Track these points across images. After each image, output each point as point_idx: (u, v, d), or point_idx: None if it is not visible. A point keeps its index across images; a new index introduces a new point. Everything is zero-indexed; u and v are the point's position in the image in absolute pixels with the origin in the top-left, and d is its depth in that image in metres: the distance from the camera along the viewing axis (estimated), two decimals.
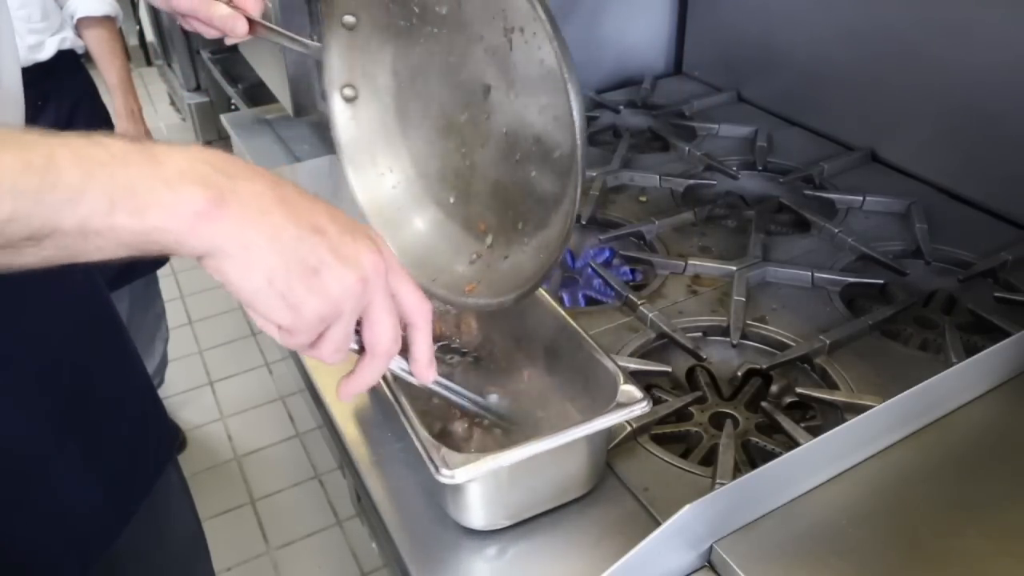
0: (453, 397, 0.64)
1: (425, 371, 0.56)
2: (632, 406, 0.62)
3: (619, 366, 0.66)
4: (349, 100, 0.75)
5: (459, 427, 0.68)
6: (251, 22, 0.73)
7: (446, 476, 0.57)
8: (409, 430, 0.60)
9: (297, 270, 0.45)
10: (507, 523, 0.65)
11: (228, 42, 0.75)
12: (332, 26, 0.72)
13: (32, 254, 0.41)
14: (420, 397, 0.72)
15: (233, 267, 0.44)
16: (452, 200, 0.76)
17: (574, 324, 0.71)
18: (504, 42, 0.67)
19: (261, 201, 0.45)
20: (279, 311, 0.46)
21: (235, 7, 0.73)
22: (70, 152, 0.41)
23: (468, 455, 0.57)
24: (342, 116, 0.75)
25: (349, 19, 0.72)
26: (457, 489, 0.62)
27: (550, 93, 0.65)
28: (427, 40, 0.72)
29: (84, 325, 0.74)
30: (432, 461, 0.57)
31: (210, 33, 0.75)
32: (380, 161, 0.77)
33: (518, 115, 0.69)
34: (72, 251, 0.42)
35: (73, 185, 0.40)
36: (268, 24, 0.74)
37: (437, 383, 0.62)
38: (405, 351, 0.55)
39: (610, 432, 0.67)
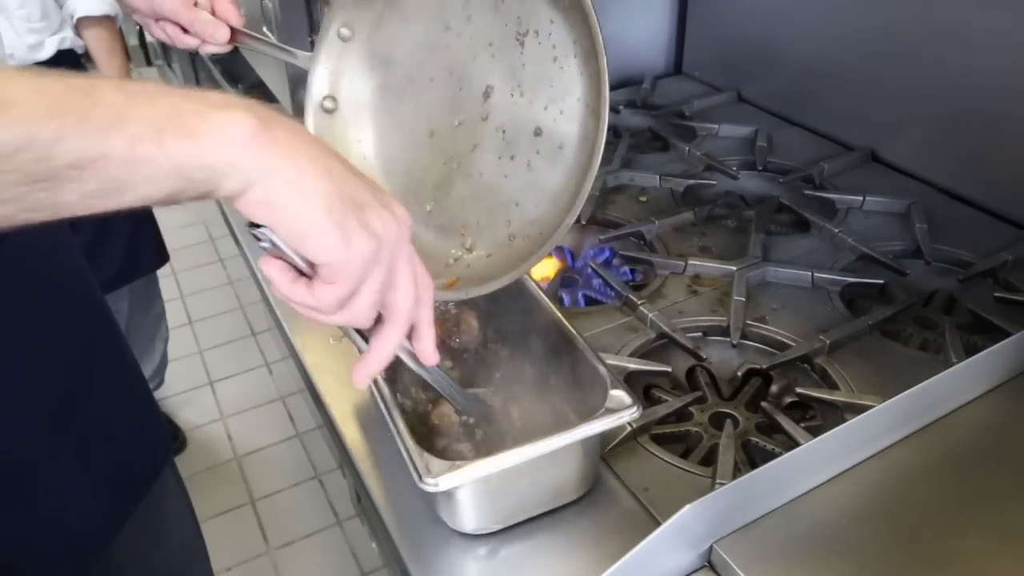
0: (443, 387, 0.63)
1: (432, 351, 0.54)
2: (620, 412, 0.62)
3: (611, 371, 0.65)
4: (328, 111, 0.75)
5: (466, 448, 0.67)
6: (233, 31, 0.73)
7: (430, 484, 0.57)
8: (396, 436, 0.60)
9: (349, 202, 0.45)
10: (498, 527, 0.65)
11: (204, 50, 0.74)
12: (327, 36, 0.72)
13: (74, 189, 0.40)
14: (416, 405, 0.73)
15: (290, 193, 0.43)
16: (429, 208, 0.75)
17: (568, 326, 0.71)
18: (515, 44, 0.67)
19: (303, 137, 0.45)
20: (335, 245, 0.45)
21: (216, 17, 0.73)
22: (109, 85, 0.41)
23: (452, 463, 0.57)
24: (317, 126, 0.75)
25: (345, 31, 0.72)
26: (445, 495, 0.62)
27: (560, 88, 0.65)
28: (428, 52, 0.72)
29: (79, 327, 0.74)
30: (415, 468, 0.57)
31: (185, 41, 0.74)
32: None
33: (521, 113, 0.69)
34: (118, 183, 0.41)
35: (118, 106, 0.40)
36: (250, 32, 0.74)
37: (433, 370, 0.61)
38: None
39: (603, 436, 0.67)
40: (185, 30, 0.74)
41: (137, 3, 0.74)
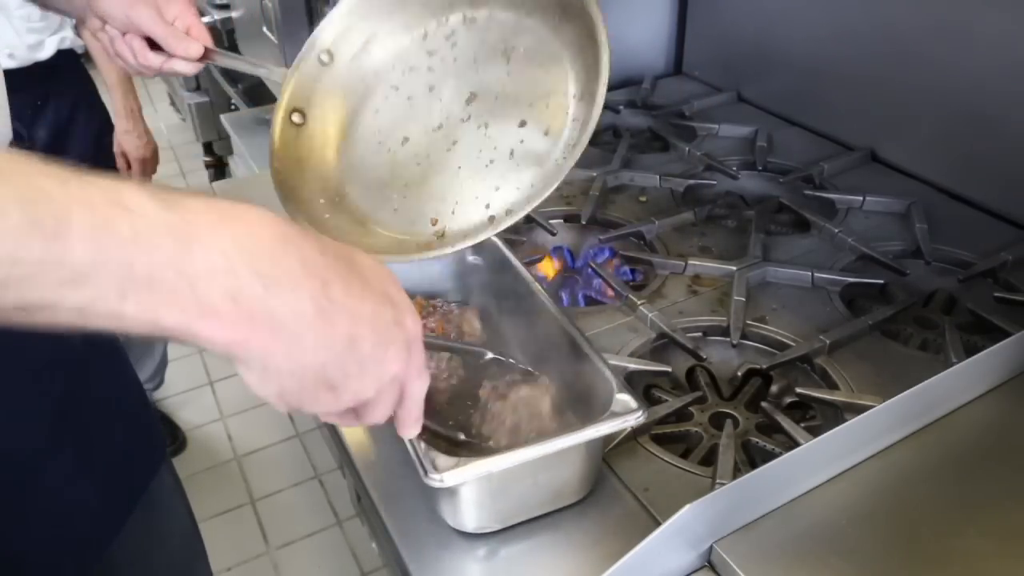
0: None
1: (411, 426, 0.52)
2: (626, 416, 0.61)
3: (616, 375, 0.65)
4: (296, 125, 0.75)
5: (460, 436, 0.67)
6: (206, 49, 0.75)
7: (435, 480, 0.56)
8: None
9: (313, 388, 0.43)
10: (498, 527, 0.65)
11: (168, 67, 0.77)
12: (305, 59, 0.74)
13: (22, 318, 0.36)
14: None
15: (248, 375, 0.42)
16: (395, 208, 0.76)
17: (573, 328, 0.71)
18: (501, 58, 0.68)
19: (297, 323, 0.40)
20: (282, 407, 0.44)
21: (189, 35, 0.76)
22: (87, 218, 0.34)
23: (458, 459, 0.57)
24: (282, 137, 0.75)
25: (325, 57, 0.74)
26: (448, 492, 0.62)
27: (548, 86, 0.66)
28: (410, 74, 0.73)
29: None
30: (421, 464, 0.57)
31: (149, 60, 0.77)
32: (313, 187, 0.76)
33: (505, 111, 0.70)
34: (71, 325, 0.37)
35: (81, 265, 0.34)
36: (221, 51, 0.76)
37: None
38: None
39: (605, 439, 0.67)
40: (152, 47, 0.76)
41: (113, 11, 0.75)
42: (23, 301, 0.35)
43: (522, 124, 0.69)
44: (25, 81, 1.44)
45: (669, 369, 0.81)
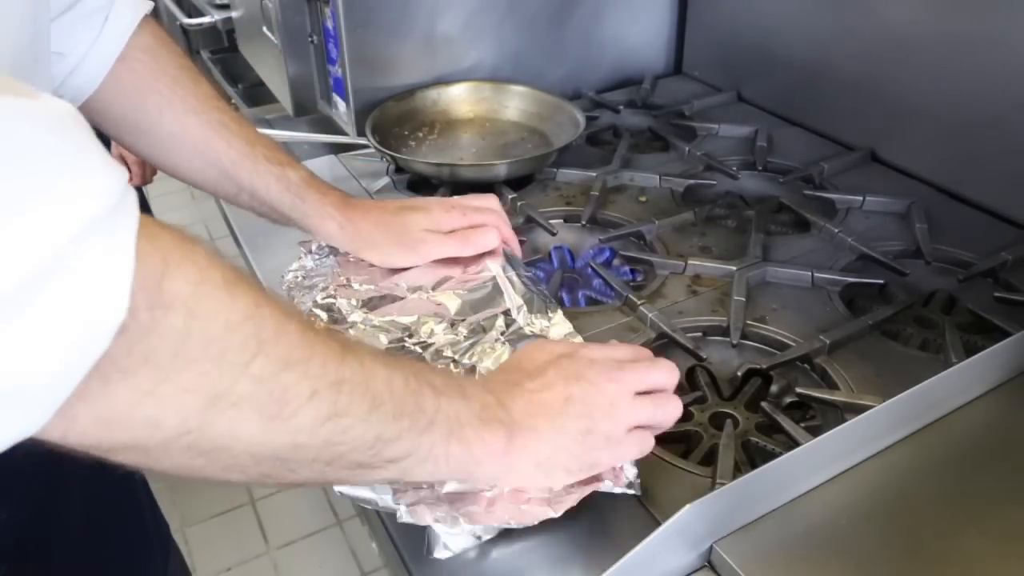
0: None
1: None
2: None
3: None
4: None
5: None
6: None
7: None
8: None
9: (589, 466, 0.60)
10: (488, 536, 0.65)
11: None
12: None
13: (367, 476, 0.48)
14: None
15: (535, 480, 0.58)
16: None
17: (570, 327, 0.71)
18: None
19: (537, 437, 0.56)
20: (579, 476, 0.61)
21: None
22: (426, 381, 0.49)
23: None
24: None
25: None
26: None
27: None
28: None
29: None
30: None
31: None
32: None
33: None
34: (404, 474, 0.49)
35: (431, 409, 0.48)
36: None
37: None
38: None
39: None
40: None
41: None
42: (399, 451, 0.47)
43: None
44: None
45: None
